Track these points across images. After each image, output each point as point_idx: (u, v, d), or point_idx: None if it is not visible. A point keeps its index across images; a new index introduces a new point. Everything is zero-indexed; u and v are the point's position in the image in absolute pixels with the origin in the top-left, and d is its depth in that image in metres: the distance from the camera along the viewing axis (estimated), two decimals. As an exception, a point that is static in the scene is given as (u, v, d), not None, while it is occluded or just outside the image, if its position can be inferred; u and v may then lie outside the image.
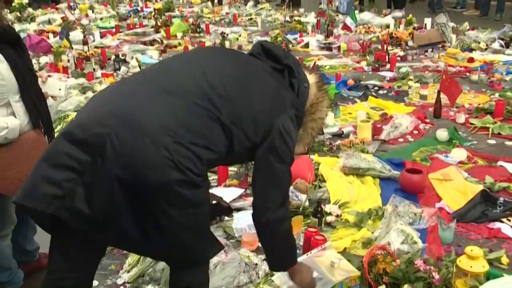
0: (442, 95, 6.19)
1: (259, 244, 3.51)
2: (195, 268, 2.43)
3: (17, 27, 12.01)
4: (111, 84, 2.60)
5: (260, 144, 2.37)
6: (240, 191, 4.22)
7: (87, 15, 14.66)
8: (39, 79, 3.09)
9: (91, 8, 15.72)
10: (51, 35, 11.07)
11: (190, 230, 2.20)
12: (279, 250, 2.62)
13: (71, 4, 16.79)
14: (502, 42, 9.69)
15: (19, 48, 2.88)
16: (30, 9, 14.55)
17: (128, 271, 3.36)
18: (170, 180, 2.05)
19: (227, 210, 2.80)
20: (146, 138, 2.05)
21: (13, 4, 14.08)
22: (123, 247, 2.70)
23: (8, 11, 13.54)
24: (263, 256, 3.33)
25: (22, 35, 10.37)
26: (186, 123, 2.13)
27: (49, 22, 13.17)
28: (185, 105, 2.16)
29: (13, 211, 3.04)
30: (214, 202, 2.66)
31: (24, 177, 2.48)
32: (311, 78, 2.65)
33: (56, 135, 5.40)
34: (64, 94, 3.22)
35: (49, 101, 3.23)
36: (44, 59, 8.86)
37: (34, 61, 8.67)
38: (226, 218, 2.90)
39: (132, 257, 3.44)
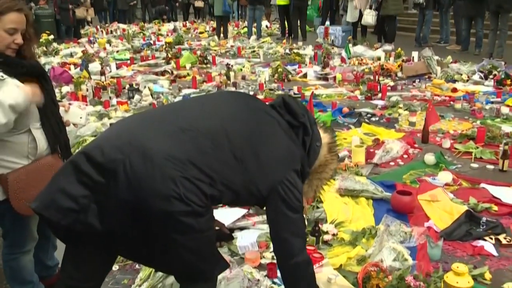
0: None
1: (261, 261, 3.50)
2: (203, 284, 2.39)
3: (43, 60, 12.22)
4: (135, 114, 2.61)
5: (268, 196, 2.35)
6: (243, 211, 4.19)
7: (105, 48, 14.71)
8: (62, 108, 3.09)
9: (109, 42, 15.77)
10: (72, 66, 11.12)
11: (195, 253, 2.19)
12: None
13: (91, 38, 16.88)
14: (482, 75, 9.73)
15: (43, 80, 2.89)
16: (55, 44, 14.64)
17: (140, 286, 3.32)
18: (175, 210, 2.05)
19: (227, 236, 2.81)
20: (155, 170, 2.06)
21: (40, 40, 14.28)
22: (133, 260, 2.74)
23: (36, 46, 13.69)
24: (265, 272, 3.33)
25: (47, 67, 10.55)
26: (194, 161, 2.12)
27: (71, 55, 13.22)
28: (196, 145, 2.17)
29: (34, 229, 3.03)
30: (216, 228, 2.63)
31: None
32: (325, 138, 2.62)
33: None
34: (85, 122, 3.20)
35: (70, 127, 3.23)
36: (65, 89, 8.89)
37: (56, 90, 8.69)
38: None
39: (144, 272, 3.41)
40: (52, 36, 15.18)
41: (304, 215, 3.98)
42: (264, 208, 2.48)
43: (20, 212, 2.77)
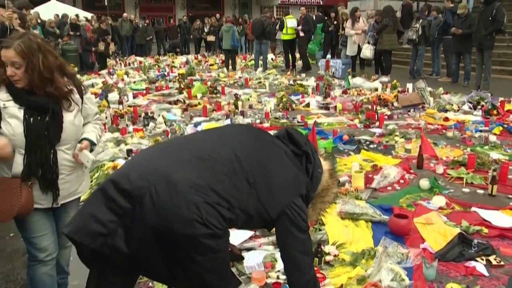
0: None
1: (267, 281, 3.47)
2: None
3: None
4: (156, 144, 2.69)
5: (277, 219, 2.41)
6: (250, 233, 4.17)
7: (123, 79, 14.75)
8: (78, 145, 3.09)
9: (127, 73, 15.83)
10: (93, 96, 11.11)
11: (212, 272, 2.22)
12: None
13: (111, 70, 16.97)
14: (471, 105, 9.78)
15: (50, 116, 2.91)
16: (78, 75, 14.69)
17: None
18: (197, 233, 2.09)
19: (239, 257, 2.85)
20: (180, 196, 2.10)
21: None
22: (153, 279, 2.79)
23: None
24: (271, 291, 3.30)
25: None
26: (214, 187, 2.18)
27: (92, 85, 13.27)
28: (214, 172, 2.23)
29: (44, 240, 3.03)
30: (228, 249, 2.65)
31: None
32: (325, 165, 2.70)
33: (92, 182, 5.48)
34: (90, 166, 3.23)
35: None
36: (86, 117, 8.88)
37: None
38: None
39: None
40: (76, 69, 15.29)
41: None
42: (271, 231, 2.54)
43: None
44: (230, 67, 17.51)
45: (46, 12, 20.66)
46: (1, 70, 2.84)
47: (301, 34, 16.53)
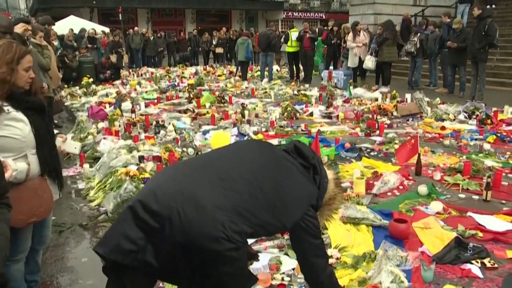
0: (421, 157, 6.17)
1: (272, 282, 3.47)
2: None
3: (83, 99, 12.63)
4: (178, 164, 2.94)
5: (292, 229, 2.53)
6: (257, 236, 4.16)
7: (135, 89, 14.75)
8: (60, 139, 3.23)
9: (139, 83, 15.84)
10: (107, 105, 11.20)
11: (233, 276, 2.31)
12: None
13: (124, 80, 17.02)
14: (466, 115, 9.78)
15: (44, 114, 3.05)
16: (93, 85, 14.80)
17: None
18: (223, 249, 2.18)
19: (254, 255, 2.89)
20: (208, 216, 2.20)
21: (82, 82, 14.72)
22: (169, 283, 2.94)
23: (78, 87, 14.34)
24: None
25: (86, 106, 10.96)
26: (237, 207, 2.28)
27: (107, 95, 13.28)
28: (236, 193, 2.33)
29: (25, 241, 3.08)
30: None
31: (22, 214, 2.79)
32: (330, 174, 2.77)
33: (106, 187, 5.50)
34: (78, 152, 3.31)
35: (103, 159, 3.28)
36: (101, 125, 8.94)
37: (93, 126, 8.78)
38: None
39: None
40: (91, 79, 15.39)
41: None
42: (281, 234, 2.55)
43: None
44: (237, 77, 17.45)
45: (66, 27, 20.71)
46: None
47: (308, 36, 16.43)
